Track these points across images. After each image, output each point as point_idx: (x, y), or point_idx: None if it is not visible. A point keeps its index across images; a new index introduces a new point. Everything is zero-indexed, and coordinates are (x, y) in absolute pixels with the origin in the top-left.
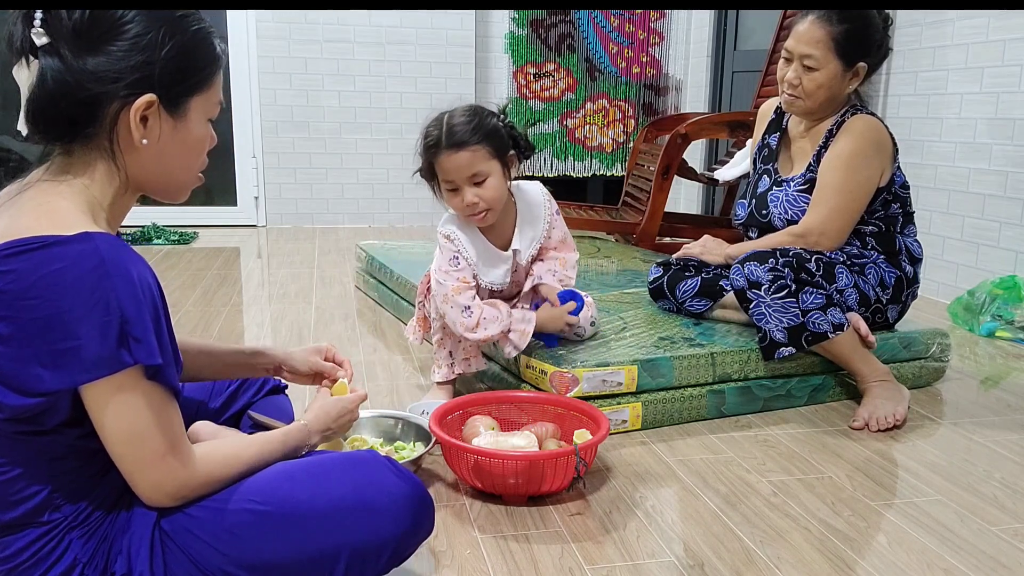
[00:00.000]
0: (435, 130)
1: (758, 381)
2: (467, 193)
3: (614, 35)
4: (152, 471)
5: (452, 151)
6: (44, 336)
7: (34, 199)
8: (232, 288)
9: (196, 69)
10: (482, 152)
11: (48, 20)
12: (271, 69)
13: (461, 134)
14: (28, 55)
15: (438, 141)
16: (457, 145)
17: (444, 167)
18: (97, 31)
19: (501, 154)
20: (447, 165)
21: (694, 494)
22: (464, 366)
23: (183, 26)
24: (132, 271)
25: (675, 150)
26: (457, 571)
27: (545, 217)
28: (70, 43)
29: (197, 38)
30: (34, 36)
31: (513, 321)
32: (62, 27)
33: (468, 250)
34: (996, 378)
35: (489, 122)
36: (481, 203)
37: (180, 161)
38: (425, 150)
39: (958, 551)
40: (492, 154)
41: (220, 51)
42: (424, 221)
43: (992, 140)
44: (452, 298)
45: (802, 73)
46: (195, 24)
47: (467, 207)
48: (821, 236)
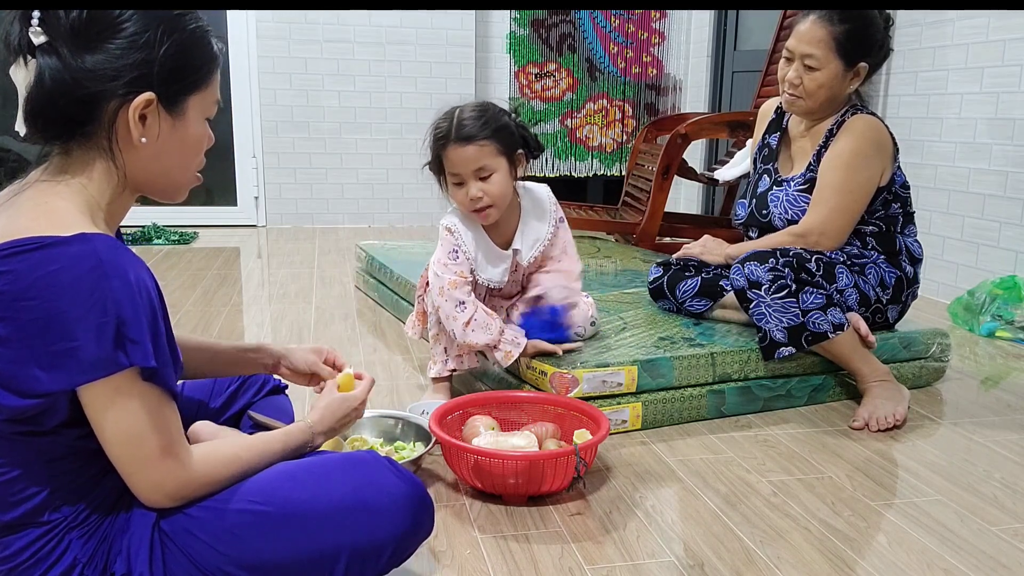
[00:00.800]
0: (445, 123)
1: (758, 381)
2: (472, 188)
3: (614, 35)
4: (150, 472)
5: (460, 144)
6: (41, 337)
7: (32, 199)
8: (232, 288)
9: (194, 68)
10: (490, 148)
11: (46, 19)
12: (271, 69)
13: (470, 128)
14: (25, 54)
15: (447, 134)
16: (465, 139)
17: (451, 160)
18: (95, 29)
19: (509, 151)
20: (454, 158)
21: (694, 494)
22: (457, 363)
23: (181, 24)
24: (130, 273)
25: (675, 150)
26: (457, 571)
27: (550, 221)
28: (68, 42)
29: (195, 36)
30: (32, 35)
31: (503, 341)
32: (60, 26)
33: (468, 245)
34: (996, 378)
35: (499, 119)
36: (485, 198)
37: (178, 160)
38: (434, 142)
39: (958, 551)
40: (500, 151)
41: (217, 50)
42: (424, 221)
43: (992, 140)
44: (448, 291)
45: (803, 73)
46: (192, 23)
47: (471, 201)
48: (821, 236)
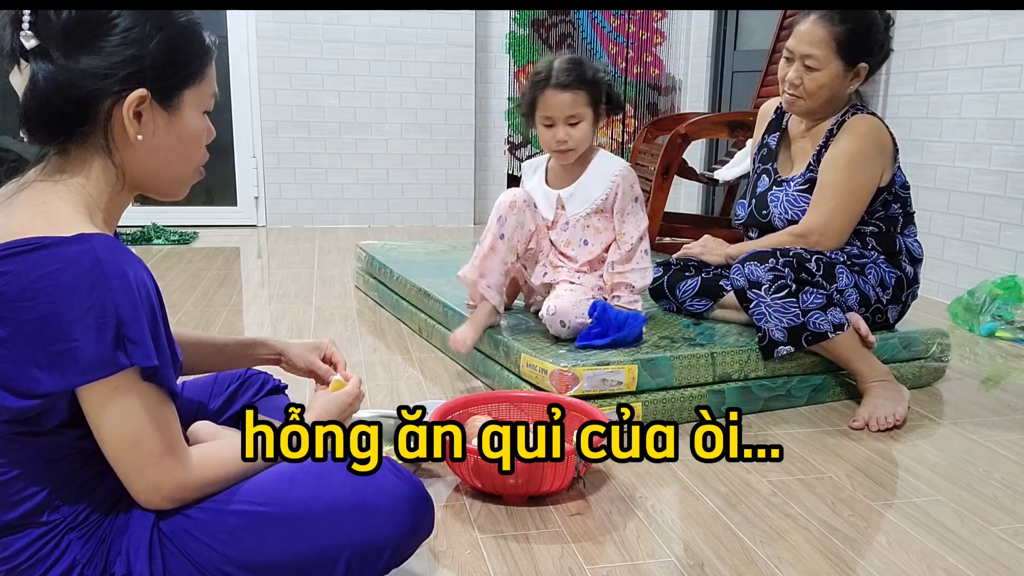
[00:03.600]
0: (545, 69)
1: (758, 381)
2: (560, 130)
3: (614, 35)
4: (148, 473)
5: (558, 90)
6: (40, 338)
7: (30, 199)
8: (232, 288)
9: (186, 61)
10: (582, 97)
11: (36, 22)
12: (271, 69)
13: (568, 76)
14: (19, 59)
15: (547, 79)
16: (563, 86)
17: (547, 103)
18: (85, 29)
19: (596, 104)
20: (551, 101)
21: (694, 494)
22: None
23: (170, 19)
24: (129, 272)
25: (675, 150)
26: (457, 571)
27: (610, 187)
28: (60, 43)
29: (186, 30)
30: (23, 39)
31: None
32: (51, 28)
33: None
34: (996, 378)
35: (593, 73)
36: (569, 141)
37: (177, 155)
38: (533, 86)
39: (958, 551)
40: (588, 102)
41: (210, 43)
42: (424, 221)
43: (992, 140)
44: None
45: (803, 73)
46: (182, 16)
47: (557, 143)
48: (822, 236)
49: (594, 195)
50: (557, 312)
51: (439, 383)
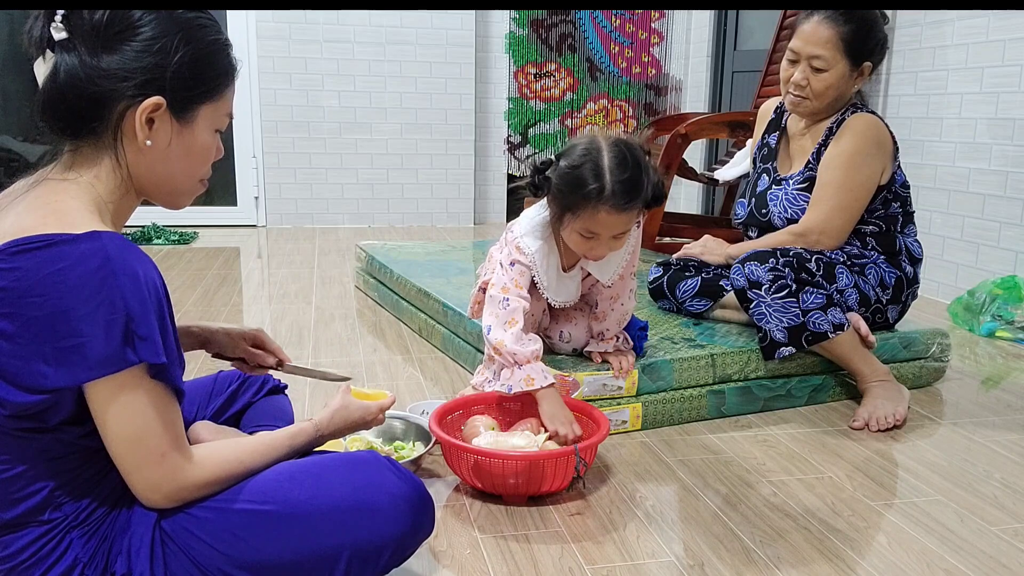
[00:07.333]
0: (595, 180)
1: (758, 381)
2: (603, 246)
3: (615, 35)
4: (151, 471)
5: (615, 212)
6: (49, 334)
7: (41, 197)
8: (232, 288)
9: (207, 79)
10: (635, 213)
11: (69, 17)
12: (271, 69)
13: (628, 200)
14: (44, 48)
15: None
16: (621, 209)
17: (599, 221)
18: (113, 30)
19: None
20: (603, 220)
21: (694, 494)
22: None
23: (200, 36)
24: (138, 269)
25: (675, 150)
26: (457, 571)
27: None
28: (87, 40)
29: (213, 48)
30: (53, 31)
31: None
32: (82, 24)
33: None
34: (996, 378)
35: (646, 178)
36: (608, 253)
37: (182, 167)
38: (577, 191)
39: (958, 551)
40: (639, 213)
41: (234, 64)
42: (424, 221)
43: (992, 140)
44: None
45: (810, 74)
46: (212, 35)
47: (595, 256)
48: (822, 235)
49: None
50: (571, 341)
51: (439, 383)
